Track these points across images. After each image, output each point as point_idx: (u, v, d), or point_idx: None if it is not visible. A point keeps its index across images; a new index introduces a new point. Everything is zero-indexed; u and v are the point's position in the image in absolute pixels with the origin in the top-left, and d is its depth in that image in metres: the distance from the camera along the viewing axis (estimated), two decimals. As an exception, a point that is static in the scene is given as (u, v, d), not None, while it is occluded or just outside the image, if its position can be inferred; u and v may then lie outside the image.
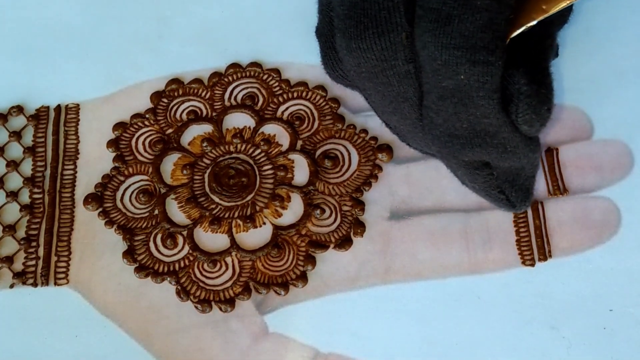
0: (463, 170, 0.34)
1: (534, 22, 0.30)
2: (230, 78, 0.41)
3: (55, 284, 0.37)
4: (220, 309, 0.36)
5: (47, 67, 0.42)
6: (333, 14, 0.34)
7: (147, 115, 0.40)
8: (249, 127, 0.40)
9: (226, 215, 0.38)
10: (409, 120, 0.33)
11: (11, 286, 0.37)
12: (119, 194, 0.39)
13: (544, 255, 0.36)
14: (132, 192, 0.39)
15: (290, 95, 0.41)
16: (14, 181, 0.39)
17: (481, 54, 0.29)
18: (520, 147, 0.32)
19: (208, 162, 0.39)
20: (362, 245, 0.37)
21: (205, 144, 0.39)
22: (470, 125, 0.31)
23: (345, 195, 0.38)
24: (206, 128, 0.40)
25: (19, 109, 0.41)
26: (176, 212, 0.38)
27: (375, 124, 0.40)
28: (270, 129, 0.40)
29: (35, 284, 0.37)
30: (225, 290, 0.37)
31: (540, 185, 0.38)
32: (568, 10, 0.35)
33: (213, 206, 0.38)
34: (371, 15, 0.31)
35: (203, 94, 0.41)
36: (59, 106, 0.41)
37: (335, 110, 0.40)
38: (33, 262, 0.37)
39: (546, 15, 0.30)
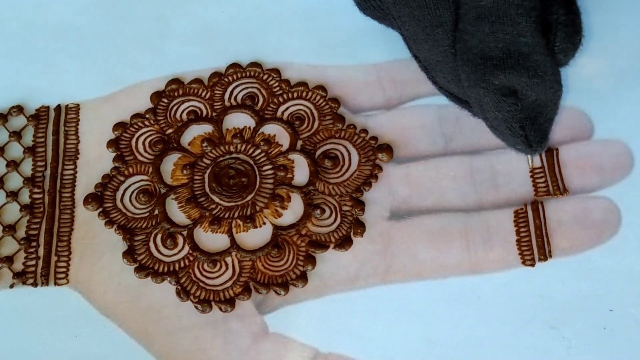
0: (491, 97, 0.33)
1: None
2: (230, 78, 0.41)
3: (55, 284, 0.37)
4: (220, 309, 0.36)
5: (47, 67, 0.42)
6: None
7: (147, 115, 0.40)
8: (249, 127, 0.40)
9: (226, 216, 0.38)
10: (440, 48, 0.34)
11: (11, 286, 0.37)
12: (119, 194, 0.39)
13: (544, 255, 0.36)
14: (132, 192, 0.39)
15: (290, 95, 0.41)
16: (14, 181, 0.39)
17: None
18: (548, 72, 0.33)
19: (208, 162, 0.39)
20: (362, 245, 0.37)
21: (205, 144, 0.39)
22: (506, 45, 0.32)
23: (346, 195, 0.38)
24: (206, 128, 0.40)
25: (19, 109, 0.41)
26: (176, 212, 0.38)
27: (375, 124, 0.40)
28: (270, 129, 0.40)
29: (35, 284, 0.37)
30: (225, 290, 0.37)
31: (540, 185, 0.38)
32: None
33: (213, 206, 0.38)
34: None
35: (203, 94, 0.41)
36: (59, 106, 0.41)
37: (335, 110, 0.40)
38: (33, 262, 0.37)
39: None
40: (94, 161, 0.40)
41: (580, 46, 0.33)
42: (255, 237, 0.38)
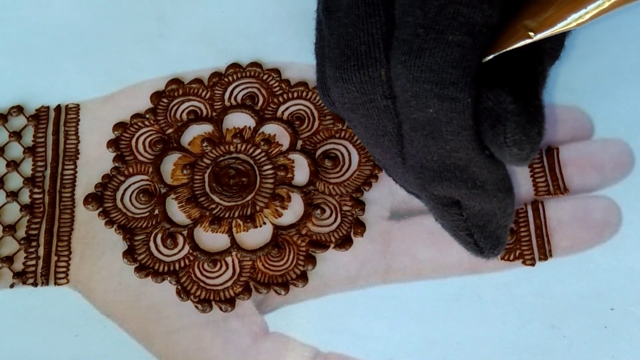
0: (432, 205, 0.33)
1: (515, 46, 0.29)
2: (230, 78, 0.41)
3: (56, 283, 0.37)
4: (221, 308, 0.36)
5: (47, 67, 0.42)
6: (324, 42, 0.34)
7: (147, 115, 0.40)
8: (249, 127, 0.40)
9: (226, 215, 0.38)
10: (389, 154, 0.33)
11: (11, 286, 0.37)
12: (119, 194, 0.39)
13: (545, 254, 0.36)
14: (132, 192, 0.39)
15: (290, 95, 0.41)
16: (14, 181, 0.39)
17: (449, 89, 0.28)
18: (489, 183, 0.31)
19: (208, 162, 0.39)
20: (362, 245, 0.37)
21: (205, 144, 0.39)
22: (440, 158, 0.31)
23: (346, 195, 0.38)
24: (206, 128, 0.40)
25: (19, 109, 0.41)
26: (176, 211, 0.38)
27: (375, 124, 0.40)
28: (270, 128, 0.40)
29: (35, 284, 0.37)
30: (226, 289, 0.37)
31: (540, 185, 0.38)
32: (559, 44, 0.34)
33: (213, 206, 0.38)
34: (352, 48, 0.31)
35: (203, 93, 0.41)
36: (59, 106, 0.41)
37: (335, 110, 0.40)
38: (33, 262, 0.37)
39: (530, 41, 0.29)
40: (94, 161, 0.40)
41: (540, 139, 0.29)
42: (256, 236, 0.38)
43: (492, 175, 0.31)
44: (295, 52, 0.42)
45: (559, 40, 0.34)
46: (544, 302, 0.36)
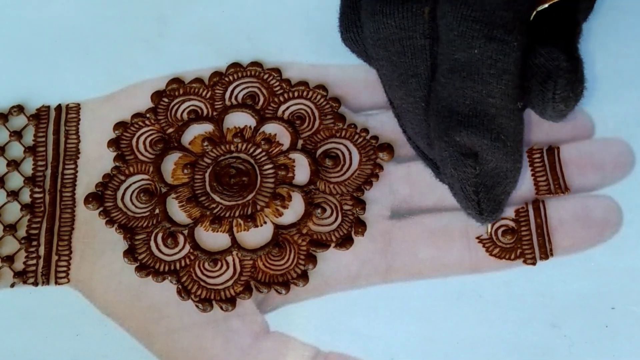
0: (450, 153, 0.33)
1: None
2: (230, 77, 0.41)
3: (56, 283, 0.37)
4: (221, 308, 0.36)
5: (48, 66, 0.42)
6: None
7: (147, 115, 0.40)
8: (250, 127, 0.40)
9: (227, 215, 0.38)
10: (412, 98, 0.33)
11: (12, 285, 0.37)
12: (119, 193, 0.39)
13: (546, 253, 0.36)
14: (133, 192, 0.39)
15: (291, 94, 0.41)
16: (15, 181, 0.39)
17: (499, 31, 0.28)
18: (511, 139, 0.32)
19: (209, 161, 0.39)
20: (363, 244, 0.37)
21: (206, 144, 0.39)
22: (473, 102, 0.31)
23: (346, 195, 0.38)
24: (207, 127, 0.40)
25: (19, 109, 0.41)
26: (177, 211, 0.38)
27: (376, 123, 0.40)
28: (271, 128, 0.40)
29: (36, 283, 0.37)
30: (226, 289, 0.37)
31: (541, 184, 0.38)
32: (590, 4, 0.35)
33: (214, 205, 0.38)
34: None
35: (204, 93, 0.41)
36: (59, 106, 0.41)
37: (336, 109, 0.40)
38: (34, 262, 0.37)
39: None
40: (94, 160, 0.40)
41: (582, 97, 0.31)
42: (256, 236, 0.38)
43: (515, 132, 0.31)
44: (295, 52, 0.42)
45: (591, 1, 0.34)
46: (545, 301, 0.36)
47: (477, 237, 0.37)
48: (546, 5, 0.29)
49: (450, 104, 0.31)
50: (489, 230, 0.37)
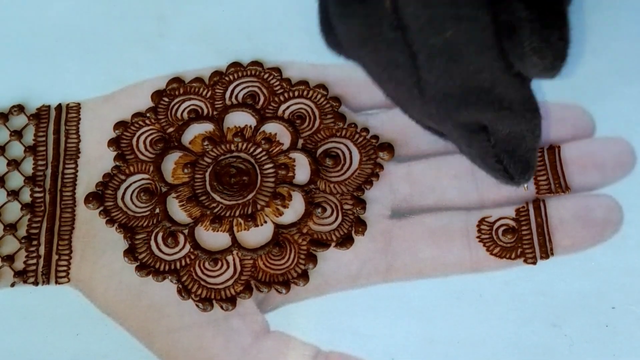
0: (460, 133, 0.32)
1: None
2: (231, 77, 0.41)
3: (56, 282, 0.37)
4: (222, 307, 0.36)
5: (48, 66, 0.42)
6: None
7: (148, 114, 0.40)
8: (250, 126, 0.40)
9: (227, 214, 0.38)
10: (404, 87, 0.32)
11: (12, 285, 0.37)
12: (120, 193, 0.39)
13: (546, 253, 0.36)
14: (133, 191, 0.39)
15: (291, 94, 0.41)
16: (15, 180, 0.39)
17: (465, 9, 0.27)
18: (516, 102, 0.30)
19: (209, 160, 0.39)
20: (363, 243, 0.37)
21: (206, 143, 0.39)
22: (464, 82, 0.30)
23: (347, 194, 0.38)
24: (207, 127, 0.40)
25: (19, 108, 0.41)
26: (177, 210, 0.38)
27: (376, 123, 0.40)
28: (271, 127, 0.40)
29: (36, 283, 0.37)
30: (227, 288, 0.37)
31: (541, 183, 0.38)
32: None
33: (214, 205, 0.38)
34: None
35: (204, 92, 0.41)
36: (59, 105, 0.41)
37: (336, 108, 0.40)
38: (34, 261, 0.37)
39: None
40: (94, 160, 0.40)
41: (563, 45, 0.28)
42: (257, 235, 0.38)
43: (518, 95, 0.30)
44: (296, 51, 0.42)
45: None
46: (545, 300, 0.36)
47: (478, 237, 0.37)
48: None
49: (441, 87, 0.30)
50: (526, 188, 0.37)
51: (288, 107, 0.40)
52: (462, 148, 0.34)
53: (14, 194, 0.39)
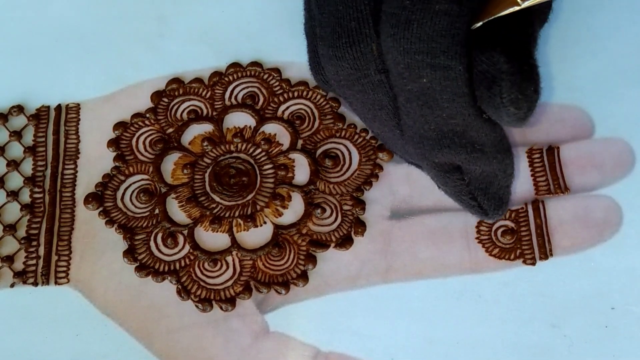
0: (434, 173, 0.34)
1: (503, 13, 0.29)
2: (230, 77, 0.41)
3: (56, 283, 0.37)
4: (221, 308, 0.36)
5: (48, 66, 0.42)
6: (315, 21, 0.34)
7: (147, 115, 0.40)
8: (250, 127, 0.40)
9: (227, 215, 0.38)
10: (387, 127, 0.33)
11: (12, 285, 0.37)
12: (119, 193, 0.39)
13: (545, 253, 0.36)
14: (133, 192, 0.39)
15: (290, 94, 0.41)
16: (15, 181, 0.39)
17: (440, 58, 0.29)
18: (487, 145, 0.32)
19: (208, 161, 0.39)
20: (362, 244, 0.37)
21: (205, 144, 0.39)
22: (438, 126, 0.31)
23: (346, 195, 0.38)
24: (207, 127, 0.40)
25: (19, 109, 0.41)
26: (177, 211, 0.38)
27: (375, 123, 0.40)
28: (270, 128, 0.40)
29: (35, 283, 0.37)
30: (226, 289, 0.37)
31: (541, 184, 0.38)
32: (547, 6, 0.35)
33: (214, 205, 0.38)
34: (343, 25, 0.31)
35: (203, 93, 0.41)
36: (59, 106, 0.41)
37: (335, 109, 0.40)
38: (33, 262, 0.37)
39: (518, 8, 0.29)
40: (94, 160, 0.40)
41: (536, 98, 0.29)
42: (256, 236, 0.38)
43: (490, 138, 0.32)
44: (295, 52, 0.41)
45: (547, 3, 0.34)
46: (545, 301, 0.36)
47: (477, 238, 0.37)
48: (480, 24, 0.30)
49: (417, 130, 0.32)
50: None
51: (287, 108, 0.40)
52: (438, 185, 0.36)
53: (14, 194, 0.39)
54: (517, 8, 0.29)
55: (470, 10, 0.29)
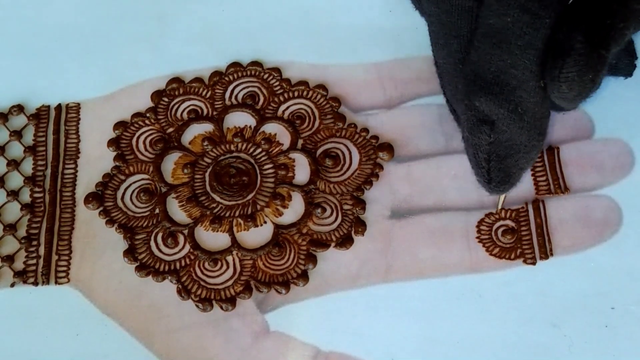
0: (468, 116, 0.33)
1: None
2: (230, 77, 0.41)
3: (56, 282, 0.37)
4: (221, 307, 0.36)
5: (48, 66, 0.42)
6: None
7: (147, 114, 0.40)
8: (250, 126, 0.40)
9: (227, 214, 0.38)
10: (452, 59, 0.33)
11: (12, 285, 0.37)
12: (119, 193, 0.39)
13: (545, 253, 0.36)
14: (133, 191, 0.39)
15: (291, 94, 0.41)
16: (15, 180, 0.39)
17: (533, 3, 0.29)
18: (529, 114, 0.31)
19: (209, 161, 0.39)
20: (363, 244, 0.37)
21: (206, 143, 0.39)
22: (498, 70, 0.31)
23: (346, 194, 0.38)
24: (207, 127, 0.40)
25: (19, 108, 0.41)
26: (177, 211, 0.38)
27: (376, 123, 0.40)
28: (271, 128, 0.40)
29: (36, 283, 0.37)
30: (226, 289, 0.37)
31: (541, 184, 0.38)
32: None
33: (214, 205, 0.38)
34: None
35: (204, 93, 0.41)
36: (59, 105, 0.41)
37: (336, 109, 0.40)
38: (34, 261, 0.37)
39: None
40: (94, 160, 0.40)
41: (591, 87, 0.30)
42: (256, 235, 0.38)
43: (535, 108, 0.31)
44: (295, 51, 0.42)
45: None
46: (545, 301, 0.36)
47: (477, 237, 0.37)
48: None
49: (477, 68, 0.32)
50: (499, 208, 0.37)
51: (288, 108, 0.40)
52: (462, 133, 0.35)
53: (14, 194, 0.39)
54: None
55: None
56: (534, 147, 0.33)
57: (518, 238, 0.37)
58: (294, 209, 0.38)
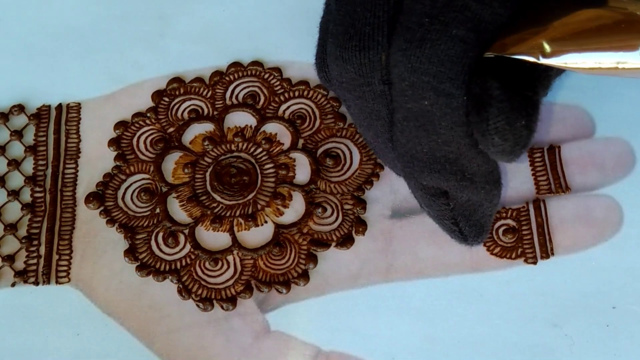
0: (420, 194, 0.33)
1: (519, 57, 0.28)
2: (231, 77, 0.41)
3: (57, 282, 0.37)
4: (222, 307, 0.36)
5: (48, 66, 0.42)
6: (330, 17, 0.34)
7: (148, 114, 0.40)
8: (251, 126, 0.40)
9: (228, 214, 0.38)
10: (380, 139, 0.33)
11: (12, 285, 0.37)
12: (120, 193, 0.39)
13: (546, 253, 0.36)
14: (134, 191, 0.39)
15: (291, 94, 0.41)
16: (15, 180, 0.39)
17: (446, 84, 0.28)
18: (478, 175, 0.31)
19: (209, 160, 0.39)
20: (363, 243, 0.37)
21: (206, 143, 0.39)
22: (431, 150, 0.30)
23: (347, 194, 0.38)
24: (207, 127, 0.40)
25: (20, 108, 0.41)
26: (177, 210, 0.38)
27: (376, 123, 0.40)
28: (271, 127, 0.40)
29: (36, 283, 0.37)
30: (227, 288, 0.37)
31: (542, 184, 0.38)
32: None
33: (214, 205, 0.38)
34: (357, 28, 0.30)
35: (204, 92, 0.41)
36: (60, 105, 0.41)
37: (336, 109, 0.40)
38: (34, 261, 0.37)
39: (536, 62, 0.28)
40: (95, 160, 0.40)
41: (526, 134, 0.28)
42: (257, 235, 0.38)
43: (482, 169, 0.31)
44: (296, 51, 0.42)
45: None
46: (546, 300, 0.36)
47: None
48: (491, 55, 0.28)
49: (409, 150, 0.31)
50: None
51: (288, 107, 0.40)
52: (421, 206, 0.35)
53: (15, 193, 0.39)
54: (534, 61, 0.28)
55: (487, 41, 0.28)
56: (494, 196, 0.33)
57: (519, 237, 0.37)
58: (295, 208, 0.38)
